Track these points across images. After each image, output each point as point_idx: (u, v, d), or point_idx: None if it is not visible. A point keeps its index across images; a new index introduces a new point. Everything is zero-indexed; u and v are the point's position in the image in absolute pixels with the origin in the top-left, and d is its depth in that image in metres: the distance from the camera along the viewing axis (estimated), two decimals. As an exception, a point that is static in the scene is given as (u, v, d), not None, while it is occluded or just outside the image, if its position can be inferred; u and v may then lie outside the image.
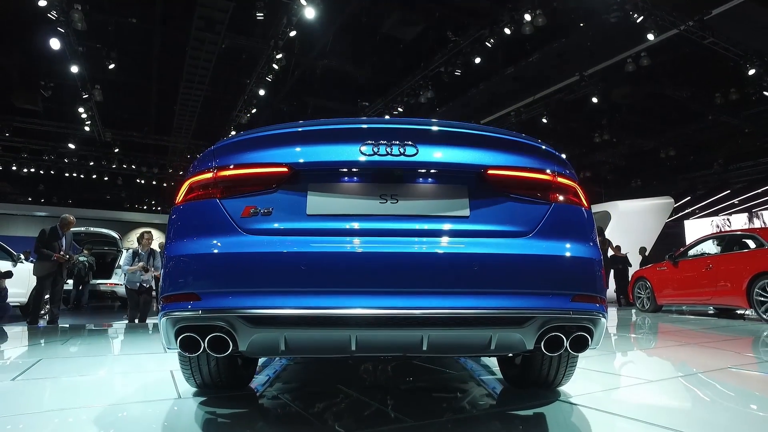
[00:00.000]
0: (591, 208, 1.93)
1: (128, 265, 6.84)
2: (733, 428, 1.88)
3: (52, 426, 1.89)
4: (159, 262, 7.13)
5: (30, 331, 5.75)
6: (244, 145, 1.83)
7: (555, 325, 1.62)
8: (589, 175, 22.35)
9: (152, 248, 7.16)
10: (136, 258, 6.87)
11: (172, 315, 1.62)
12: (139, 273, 6.76)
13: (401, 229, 1.66)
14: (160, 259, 7.28)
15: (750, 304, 6.32)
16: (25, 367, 3.03)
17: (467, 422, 1.95)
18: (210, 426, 1.86)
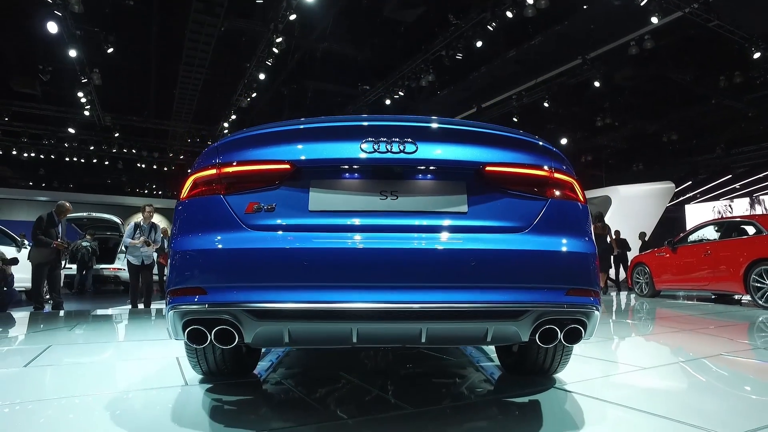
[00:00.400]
0: (587, 203, 1.97)
1: (130, 237, 6.86)
2: (722, 415, 1.94)
3: (65, 413, 1.96)
4: (159, 236, 7.18)
5: (36, 316, 5.85)
6: (247, 142, 1.86)
7: (549, 318, 1.68)
8: (590, 159, 22.30)
9: (153, 222, 7.19)
10: (138, 230, 6.89)
11: (179, 308, 1.67)
12: (142, 247, 6.79)
13: (401, 225, 1.71)
14: (160, 235, 7.33)
15: (747, 290, 6.40)
16: (35, 353, 3.11)
17: (464, 409, 2.02)
18: (217, 414, 1.94)
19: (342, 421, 1.86)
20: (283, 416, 1.96)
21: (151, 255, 7.04)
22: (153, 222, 7.19)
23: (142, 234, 6.86)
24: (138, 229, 6.92)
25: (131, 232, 6.95)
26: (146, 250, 6.87)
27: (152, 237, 6.97)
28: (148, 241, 6.84)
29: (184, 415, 1.91)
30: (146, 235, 6.87)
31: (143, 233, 6.87)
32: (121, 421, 1.82)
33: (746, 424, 1.81)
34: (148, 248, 6.87)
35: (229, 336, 1.66)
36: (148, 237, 6.88)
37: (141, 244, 6.79)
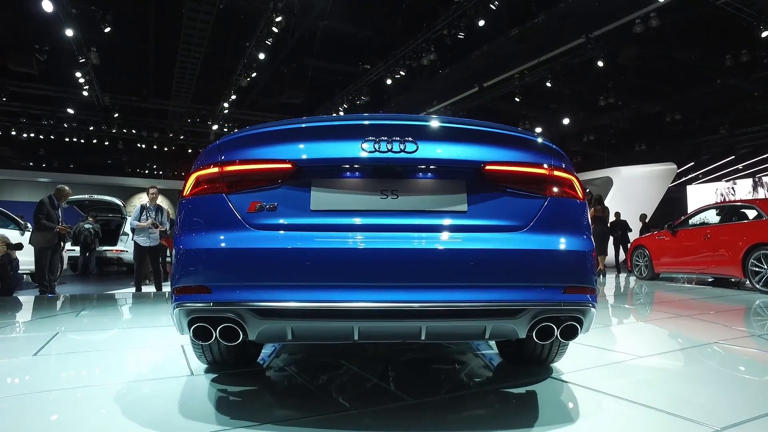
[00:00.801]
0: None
1: (137, 220, 6.91)
2: (713, 407, 2.00)
3: (76, 403, 2.02)
4: (165, 218, 7.22)
5: (42, 301, 5.93)
6: (248, 140, 1.87)
7: (546, 316, 1.71)
8: (593, 139, 22.15)
9: (159, 204, 7.22)
10: (144, 212, 6.93)
11: (184, 306, 1.71)
12: (150, 229, 6.84)
13: (401, 224, 1.73)
14: (167, 216, 7.37)
15: (745, 274, 6.45)
16: (43, 341, 3.18)
17: (462, 400, 2.08)
18: (223, 405, 1.99)
19: (342, 413, 1.91)
20: (285, 407, 2.02)
21: (158, 237, 7.08)
22: (159, 204, 7.22)
23: (148, 216, 6.90)
24: (144, 211, 6.95)
25: (138, 214, 6.99)
26: (154, 231, 6.91)
27: (159, 219, 6.99)
28: (156, 222, 6.88)
29: (191, 406, 1.97)
30: (153, 217, 6.91)
31: (149, 215, 6.91)
32: (129, 414, 1.88)
33: (736, 416, 1.86)
34: (155, 230, 6.90)
35: (233, 333, 1.70)
36: (155, 219, 6.92)
37: (149, 225, 6.83)
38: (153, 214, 6.95)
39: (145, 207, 7.03)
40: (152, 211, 6.98)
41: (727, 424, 1.78)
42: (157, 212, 7.02)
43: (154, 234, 6.97)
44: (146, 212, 6.95)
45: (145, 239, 6.94)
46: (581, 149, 24.03)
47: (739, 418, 1.85)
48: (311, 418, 1.85)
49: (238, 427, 1.75)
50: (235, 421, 1.80)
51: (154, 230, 6.91)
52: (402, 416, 1.89)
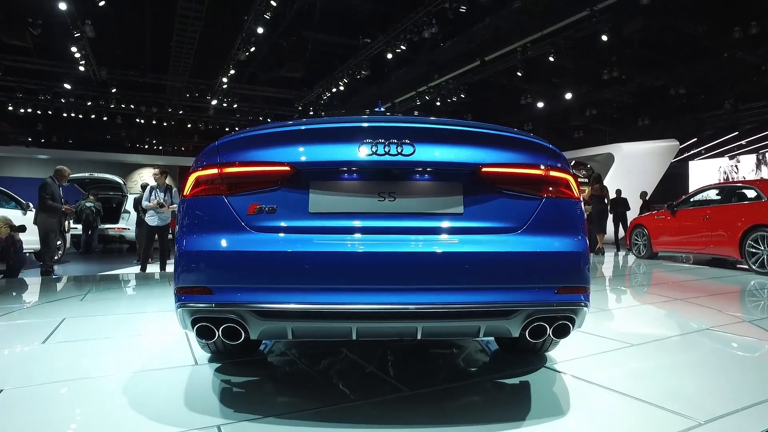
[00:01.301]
0: (581, 201, 2.01)
1: (147, 201, 6.99)
2: (700, 398, 2.07)
3: (86, 395, 2.10)
4: (176, 197, 7.26)
5: (47, 283, 6.03)
6: (247, 142, 1.88)
7: (539, 316, 1.76)
8: (595, 113, 21.92)
9: (168, 184, 7.27)
10: (153, 193, 7.00)
11: (187, 306, 1.76)
12: (156, 209, 6.88)
13: (398, 227, 1.76)
14: (178, 196, 7.40)
15: (742, 255, 6.50)
16: (51, 327, 3.26)
17: (458, 391, 2.15)
18: (227, 396, 2.07)
19: (342, 404, 1.99)
20: (288, 397, 2.10)
21: (167, 217, 7.14)
22: (167, 184, 7.26)
23: (156, 196, 6.96)
24: (153, 192, 7.01)
25: (148, 195, 7.07)
26: (162, 211, 6.96)
27: (168, 199, 7.03)
28: (162, 203, 6.92)
29: (197, 399, 2.05)
30: (161, 198, 6.96)
31: (157, 196, 6.97)
32: (138, 407, 1.95)
33: (720, 408, 1.94)
34: (161, 210, 6.95)
35: (235, 332, 1.75)
36: (163, 199, 6.96)
37: (155, 206, 6.88)
38: (162, 195, 6.99)
39: (154, 188, 7.08)
40: (161, 191, 7.02)
41: (711, 417, 1.86)
42: (165, 192, 7.05)
43: (164, 214, 7.03)
44: (154, 192, 6.99)
45: (153, 219, 7.02)
46: (583, 123, 23.82)
47: (722, 411, 1.92)
48: (312, 410, 1.93)
49: (242, 420, 1.82)
50: (240, 414, 1.87)
51: (162, 210, 6.95)
52: (400, 408, 1.97)
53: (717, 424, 1.81)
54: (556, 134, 27.08)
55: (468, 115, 23.48)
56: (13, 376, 2.32)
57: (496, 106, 23.59)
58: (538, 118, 23.71)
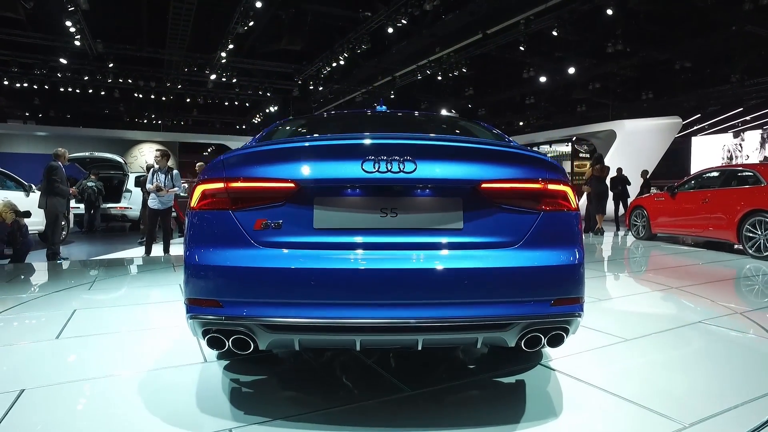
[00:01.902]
0: (579, 211, 2.06)
1: (150, 183, 7.01)
2: (687, 399, 2.17)
3: (102, 395, 2.21)
4: (177, 180, 7.28)
5: (55, 269, 6.14)
6: (252, 158, 1.92)
7: (535, 327, 1.84)
8: (598, 87, 21.64)
9: (169, 166, 7.27)
10: (155, 176, 7.02)
11: (198, 318, 1.84)
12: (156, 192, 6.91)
13: (400, 243, 1.82)
14: (179, 180, 7.42)
15: (739, 239, 6.58)
16: (63, 320, 3.37)
17: (457, 390, 2.25)
18: (236, 397, 2.17)
19: (347, 406, 2.09)
20: (295, 397, 2.20)
21: (169, 200, 7.17)
22: (169, 166, 7.25)
23: (157, 179, 6.97)
24: (155, 175, 7.03)
25: (151, 178, 7.09)
26: (162, 195, 6.99)
27: (169, 182, 7.05)
28: (160, 186, 6.93)
29: (207, 400, 2.15)
30: (162, 181, 6.97)
31: (158, 179, 6.97)
32: (152, 407, 2.06)
33: (706, 409, 2.04)
34: (161, 193, 6.97)
35: (245, 343, 1.84)
36: (164, 182, 6.98)
37: (154, 189, 6.91)
38: (162, 177, 7.00)
39: (155, 170, 7.09)
40: (162, 174, 7.02)
41: (696, 419, 1.96)
42: (166, 175, 7.05)
43: (164, 197, 7.05)
44: (156, 176, 7.01)
45: (154, 202, 7.04)
46: (586, 97, 23.55)
47: (708, 412, 2.02)
48: (320, 411, 2.03)
49: (252, 423, 1.93)
50: (250, 417, 1.98)
51: (162, 194, 6.97)
52: (404, 409, 2.07)
53: (701, 426, 1.91)
54: (558, 108, 26.82)
55: (469, 89, 23.19)
56: (32, 375, 2.42)
57: (498, 80, 23.27)
58: (540, 92, 23.43)
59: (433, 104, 25.91)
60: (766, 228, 6.23)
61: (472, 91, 23.65)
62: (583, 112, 25.29)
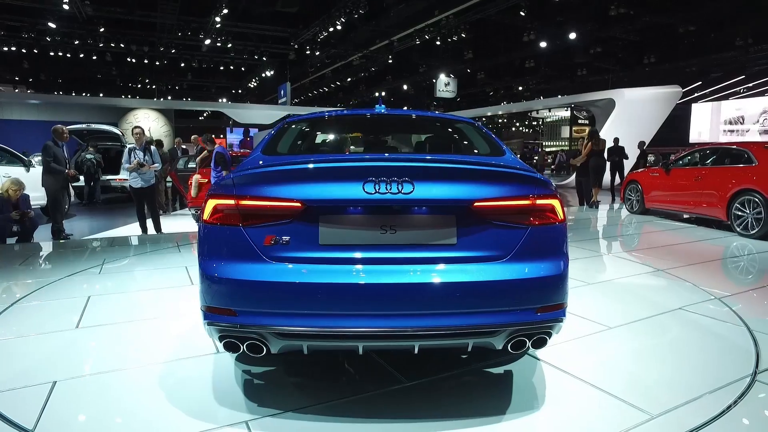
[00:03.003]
0: (566, 222, 2.22)
1: (128, 163, 7.03)
2: (660, 390, 2.39)
3: (126, 387, 2.42)
4: (157, 157, 7.29)
5: (62, 249, 6.31)
6: (260, 178, 2.06)
7: (520, 333, 2.03)
8: (600, 51, 21.31)
9: (147, 143, 7.24)
10: (132, 154, 7.03)
11: (214, 325, 2.03)
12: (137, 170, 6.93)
13: (398, 258, 1.99)
14: (158, 156, 7.41)
15: (728, 217, 6.77)
16: (80, 308, 3.57)
17: (450, 380, 2.48)
18: (249, 389, 2.39)
19: (353, 397, 2.31)
20: (303, 390, 2.42)
21: (150, 177, 7.18)
22: (147, 143, 7.24)
23: (135, 157, 6.99)
24: (132, 153, 7.04)
25: (128, 157, 7.08)
26: (143, 172, 7.00)
27: (149, 159, 7.06)
28: (142, 162, 6.96)
29: (221, 391, 2.36)
30: (141, 158, 6.98)
31: (137, 156, 7.00)
32: (172, 399, 2.27)
33: (673, 399, 2.27)
34: (143, 170, 6.98)
35: (258, 348, 2.03)
36: (143, 159, 7.00)
37: (136, 167, 6.94)
38: (141, 155, 7.03)
39: (132, 149, 7.08)
40: (140, 152, 7.05)
41: (663, 410, 2.19)
42: (145, 152, 7.07)
43: (146, 174, 7.06)
44: (134, 153, 7.02)
45: (136, 180, 7.06)
46: (587, 62, 23.21)
47: (674, 402, 2.25)
48: (327, 403, 2.24)
49: (266, 416, 2.15)
50: (263, 409, 2.20)
51: (143, 170, 6.99)
52: (401, 399, 2.29)
53: (666, 417, 2.14)
54: (558, 73, 26.46)
55: (469, 53, 22.78)
56: (60, 367, 2.63)
57: (498, 44, 22.83)
58: (540, 56, 23.05)
59: (432, 69, 25.51)
60: (754, 207, 6.41)
61: (471, 55, 23.24)
62: (583, 77, 24.97)
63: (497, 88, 30.87)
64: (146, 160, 7.02)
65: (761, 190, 6.31)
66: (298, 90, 31.65)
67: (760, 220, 6.32)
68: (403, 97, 33.49)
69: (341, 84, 30.90)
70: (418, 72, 27.21)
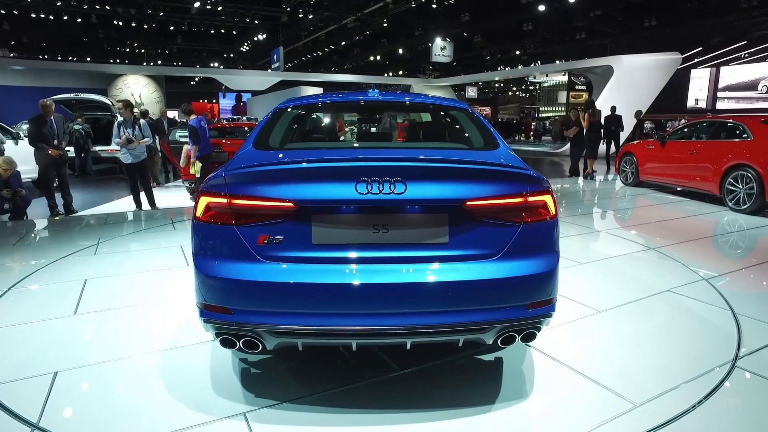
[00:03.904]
0: (558, 216, 2.23)
1: (118, 137, 6.94)
2: (642, 377, 2.48)
3: (127, 377, 2.48)
4: (148, 131, 7.19)
5: (55, 227, 6.29)
6: (253, 177, 2.05)
7: (510, 329, 2.08)
8: (599, 14, 20.79)
9: (135, 117, 7.12)
10: (121, 129, 6.92)
11: (211, 322, 2.06)
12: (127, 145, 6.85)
13: (391, 257, 2.01)
14: (148, 129, 7.29)
15: (721, 192, 6.81)
16: (77, 292, 3.61)
17: (443, 367, 2.55)
18: (246, 379, 2.45)
19: (347, 386, 2.38)
20: (299, 380, 2.48)
21: (141, 152, 7.09)
22: (135, 117, 7.12)
23: (125, 132, 6.87)
24: (121, 128, 6.92)
25: (117, 132, 6.97)
26: (132, 148, 6.91)
27: (138, 133, 6.96)
28: (131, 138, 6.85)
29: (219, 382, 2.43)
30: (130, 133, 6.86)
31: (126, 131, 6.88)
32: (173, 389, 2.34)
33: (658, 387, 2.35)
34: (132, 146, 6.89)
35: (254, 345, 2.07)
36: (133, 135, 6.89)
37: (125, 142, 6.84)
38: (130, 130, 6.90)
39: (121, 124, 6.96)
40: (128, 127, 6.93)
41: (645, 398, 2.27)
42: (133, 126, 6.95)
43: (135, 150, 6.96)
44: (123, 128, 6.91)
45: (126, 156, 6.98)
46: (586, 25, 22.68)
47: (657, 390, 2.33)
48: (322, 393, 2.31)
49: (263, 407, 2.22)
50: (260, 400, 2.27)
51: (133, 146, 6.90)
52: (395, 387, 2.37)
53: (648, 405, 2.23)
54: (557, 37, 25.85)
55: (465, 15, 22.18)
56: (60, 357, 2.68)
57: (495, 6, 22.20)
58: (538, 19, 22.46)
59: (428, 32, 24.87)
60: (747, 182, 6.44)
61: (468, 17, 22.63)
62: (582, 41, 24.45)
63: (494, 52, 30.22)
64: (135, 135, 6.90)
65: (755, 166, 6.33)
66: (292, 54, 30.86)
67: (752, 196, 6.37)
68: (399, 61, 32.77)
69: (335, 48, 30.14)
70: (414, 36, 26.52)
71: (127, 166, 7.09)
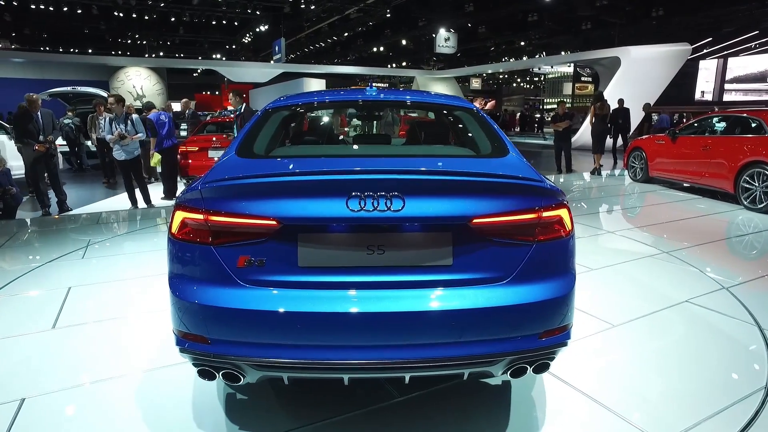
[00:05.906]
0: (574, 232, 2.00)
1: (110, 134, 6.74)
2: (662, 406, 2.26)
3: (103, 404, 2.28)
4: (140, 126, 6.98)
5: (45, 226, 6.09)
6: (231, 191, 1.82)
7: (521, 360, 1.86)
8: (606, 4, 20.34)
9: (127, 113, 6.90)
10: (113, 124, 6.72)
11: (188, 352, 1.85)
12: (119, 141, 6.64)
13: (387, 281, 1.78)
14: (141, 124, 7.06)
15: (735, 190, 6.54)
16: (58, 303, 3.41)
17: (444, 394, 2.34)
18: (231, 406, 2.25)
19: (345, 415, 2.17)
20: (289, 407, 2.28)
21: (135, 148, 6.88)
22: (126, 112, 6.90)
23: (116, 127, 6.67)
24: (113, 123, 6.71)
25: (108, 128, 6.76)
26: (125, 143, 6.70)
27: (131, 129, 6.74)
28: (123, 134, 6.64)
29: (204, 411, 2.23)
30: (122, 128, 6.65)
31: (118, 126, 6.67)
32: (150, 418, 2.14)
33: (680, 421, 2.13)
34: (125, 142, 6.68)
35: (235, 377, 1.86)
36: (125, 130, 6.67)
37: (117, 138, 6.63)
38: (122, 126, 6.69)
39: (112, 119, 6.74)
40: (121, 122, 6.71)
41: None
42: (126, 122, 6.73)
43: (129, 146, 6.75)
44: (114, 124, 6.70)
45: (119, 153, 6.77)
46: (592, 14, 22.22)
47: (679, 424, 2.11)
48: (315, 424, 2.11)
49: (247, 441, 2.01)
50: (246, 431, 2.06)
51: (126, 142, 6.69)
52: (395, 416, 2.16)
53: (674, 443, 2.01)
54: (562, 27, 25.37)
55: (469, 5, 21.77)
56: (30, 380, 2.48)
57: (501, -4, 21.77)
58: (543, 9, 22.03)
59: (432, 23, 24.45)
60: (764, 180, 6.17)
61: (472, 7, 22.22)
62: (588, 32, 23.99)
63: (498, 43, 29.75)
64: (128, 130, 6.69)
65: (773, 163, 6.05)
66: (294, 45, 30.47)
67: (768, 194, 6.10)
68: (402, 53, 32.35)
69: (338, 39, 29.74)
70: (417, 26, 26.09)
71: (120, 162, 6.88)
